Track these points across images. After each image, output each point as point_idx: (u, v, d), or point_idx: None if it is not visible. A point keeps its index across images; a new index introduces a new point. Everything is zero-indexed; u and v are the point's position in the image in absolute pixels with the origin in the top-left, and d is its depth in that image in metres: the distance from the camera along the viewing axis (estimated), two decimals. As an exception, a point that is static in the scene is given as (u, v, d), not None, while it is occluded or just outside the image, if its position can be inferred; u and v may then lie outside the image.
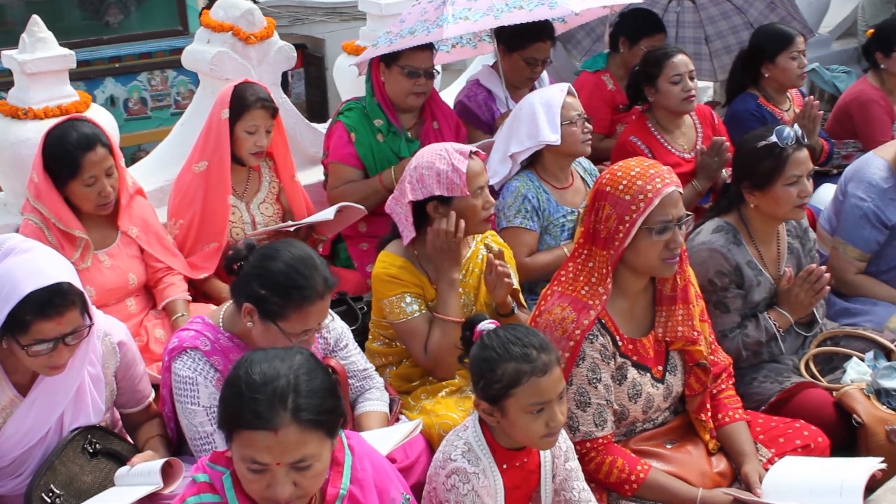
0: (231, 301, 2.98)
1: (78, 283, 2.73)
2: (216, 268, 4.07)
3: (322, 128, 5.14)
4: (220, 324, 2.97)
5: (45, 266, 2.70)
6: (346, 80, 5.42)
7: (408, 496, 2.48)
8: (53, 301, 2.64)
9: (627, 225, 2.81)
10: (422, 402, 3.32)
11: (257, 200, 4.27)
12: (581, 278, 2.93)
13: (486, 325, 2.59)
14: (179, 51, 12.23)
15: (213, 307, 3.57)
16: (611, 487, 2.90)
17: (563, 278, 2.99)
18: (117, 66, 11.06)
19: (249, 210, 4.24)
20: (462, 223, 3.30)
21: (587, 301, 2.88)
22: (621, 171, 2.86)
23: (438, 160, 3.34)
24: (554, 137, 3.86)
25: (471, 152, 3.38)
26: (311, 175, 4.88)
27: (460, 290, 3.40)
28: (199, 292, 4.08)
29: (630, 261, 2.89)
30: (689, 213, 2.94)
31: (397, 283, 3.34)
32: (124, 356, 3.03)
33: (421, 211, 3.36)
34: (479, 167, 3.39)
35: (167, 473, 2.79)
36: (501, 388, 2.46)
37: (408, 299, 3.35)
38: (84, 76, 10.55)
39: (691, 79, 4.41)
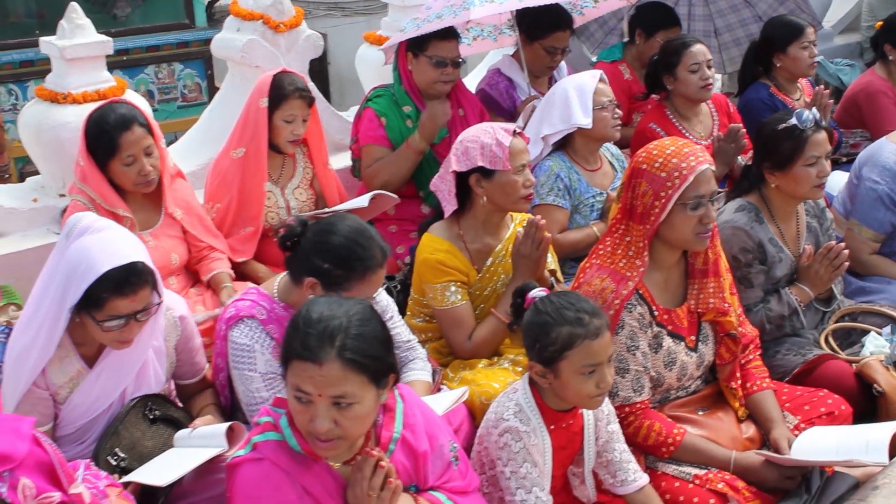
0: (285, 273, 3.12)
1: (150, 262, 2.86)
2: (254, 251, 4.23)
3: (347, 115, 5.28)
4: (275, 294, 3.11)
5: (121, 245, 2.83)
6: (369, 69, 5.57)
7: (455, 444, 2.62)
8: (129, 280, 2.77)
9: (663, 200, 2.96)
10: (460, 373, 3.46)
11: (292, 186, 4.40)
12: (619, 251, 3.08)
13: (538, 292, 2.74)
14: (186, 44, 12.36)
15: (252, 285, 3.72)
16: (648, 450, 3.05)
17: (601, 252, 3.14)
18: (125, 58, 11.13)
19: (284, 195, 4.37)
20: (548, 238, 3.42)
21: (625, 273, 3.03)
22: (657, 150, 3.01)
23: (483, 134, 3.48)
24: (586, 121, 4.02)
25: (515, 130, 3.52)
26: (338, 161, 4.99)
27: (500, 269, 3.53)
28: (238, 273, 4.20)
29: (665, 235, 3.04)
30: (720, 189, 3.10)
31: (443, 272, 3.46)
32: (184, 330, 3.16)
33: (464, 185, 3.49)
34: (522, 145, 3.52)
35: (230, 437, 2.92)
36: (556, 351, 2.61)
37: (452, 289, 3.47)
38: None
39: (709, 67, 4.58)
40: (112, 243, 2.82)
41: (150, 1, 11.74)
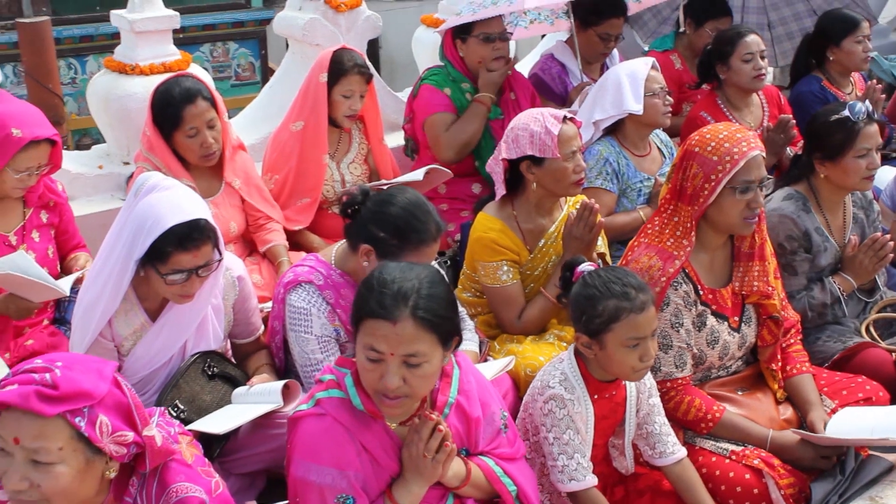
0: (343, 241, 3.24)
1: (212, 221, 3.00)
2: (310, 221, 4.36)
3: (402, 96, 5.40)
4: (332, 261, 3.23)
5: (186, 203, 2.96)
6: (425, 51, 5.69)
7: (505, 413, 2.73)
8: (192, 235, 2.90)
9: (713, 183, 3.03)
10: (507, 346, 3.56)
11: (347, 160, 4.53)
12: (667, 231, 3.16)
13: (586, 266, 2.83)
14: (241, 23, 12.51)
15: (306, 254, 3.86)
16: (687, 425, 3.14)
17: (649, 231, 3.22)
18: (181, 36, 11.37)
19: (339, 169, 4.50)
20: (601, 221, 3.51)
21: (672, 251, 3.12)
22: (710, 134, 3.09)
23: (533, 122, 3.55)
24: (637, 107, 4.10)
25: (565, 117, 3.58)
26: (391, 140, 5.12)
27: (552, 250, 3.63)
28: (292, 242, 4.34)
29: (712, 217, 3.12)
30: (769, 175, 3.17)
31: (496, 251, 3.55)
32: (242, 290, 3.30)
33: (515, 170, 3.59)
34: (572, 132, 3.58)
35: (285, 394, 3.06)
36: (602, 323, 2.71)
37: (504, 268, 3.56)
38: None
39: (762, 58, 4.63)
40: (178, 201, 2.96)
41: (208, -20, 11.95)
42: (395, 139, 5.11)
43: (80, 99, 10.49)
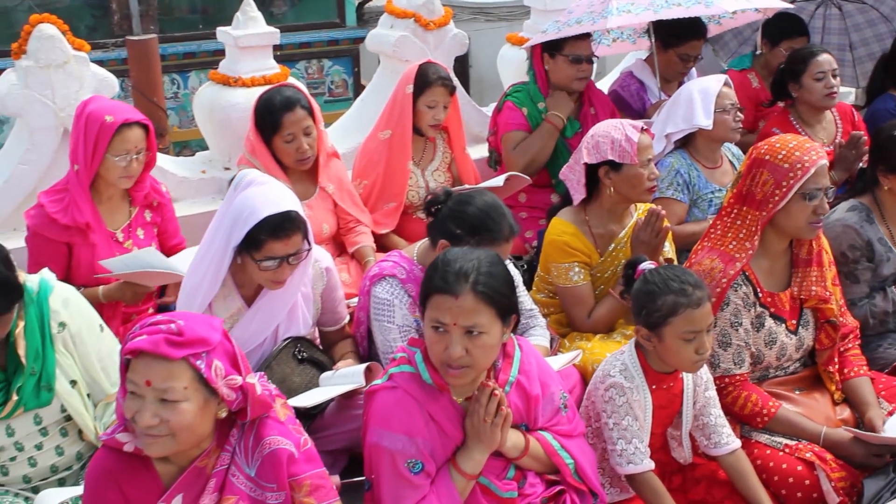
0: (425, 239, 3.51)
1: (303, 214, 3.29)
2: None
3: (486, 110, 5.66)
4: (415, 257, 3.50)
5: (279, 197, 3.26)
6: (509, 68, 5.94)
7: (565, 394, 2.96)
8: (284, 225, 3.19)
9: (784, 189, 3.21)
10: (576, 343, 3.78)
11: (431, 168, 4.81)
12: (729, 234, 3.35)
13: (648, 265, 3.04)
14: (336, 42, 12.93)
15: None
16: (744, 419, 3.31)
17: (712, 235, 3.42)
18: (278, 53, 11.86)
19: (424, 176, 4.78)
20: (667, 227, 3.74)
21: (734, 254, 3.30)
22: (779, 143, 3.28)
23: (614, 130, 3.79)
24: (707, 122, 4.29)
25: (642, 128, 3.81)
26: (475, 152, 5.36)
27: (621, 254, 3.84)
28: (378, 245, 4.62)
29: (779, 222, 3.30)
30: (832, 185, 3.34)
31: (568, 253, 3.77)
32: (329, 280, 3.59)
33: (593, 176, 3.81)
34: (648, 141, 3.81)
35: (367, 376, 3.32)
36: (661, 317, 2.91)
37: (576, 269, 3.78)
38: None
39: (834, 77, 4.76)
40: (272, 194, 3.25)
41: (305, 0, 12.43)
42: (480, 151, 5.36)
43: (182, 112, 11.06)
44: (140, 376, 2.32)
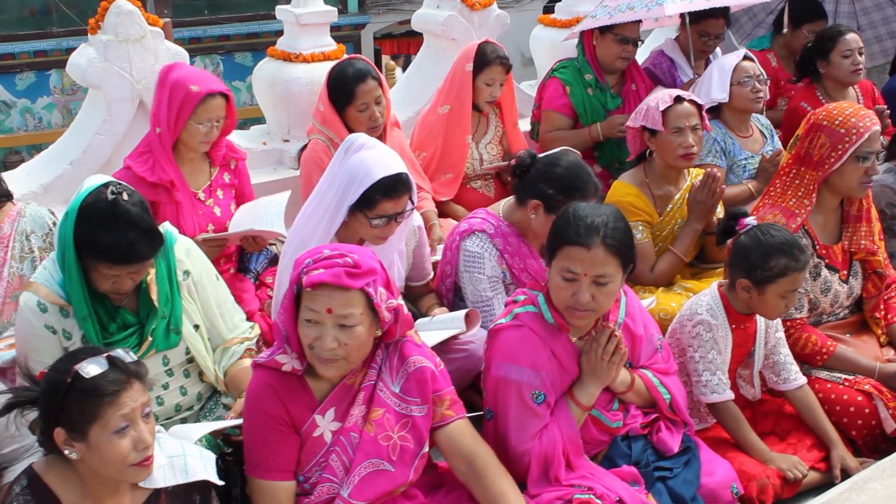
0: (509, 198, 3.81)
1: (411, 175, 3.56)
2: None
3: (525, 87, 5.97)
4: (500, 214, 3.80)
5: (390, 159, 3.52)
6: (542, 48, 6.26)
7: (661, 336, 3.28)
8: (397, 186, 3.45)
9: (840, 152, 3.56)
10: (640, 295, 4.08)
11: (485, 141, 5.10)
12: (789, 192, 3.69)
13: (751, 220, 3.36)
14: (338, 28, 13.17)
15: (452, 221, 4.45)
16: (804, 358, 3.65)
17: (772, 192, 3.76)
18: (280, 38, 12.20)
19: (478, 149, 5.07)
20: (723, 189, 4.07)
21: (794, 210, 3.65)
22: (836, 110, 3.62)
23: (653, 98, 4.15)
24: (722, 96, 4.67)
25: (679, 96, 4.12)
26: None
27: (678, 214, 4.16)
28: (438, 212, 4.90)
29: (833, 182, 3.64)
30: (881, 149, 3.70)
31: (632, 212, 4.06)
32: (421, 237, 3.88)
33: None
34: (682, 111, 4.10)
35: (466, 321, 3.59)
36: (770, 276, 3.24)
37: (640, 227, 4.09)
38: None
39: (860, 54, 5.13)
40: (383, 157, 3.52)
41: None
42: (521, 126, 5.64)
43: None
44: (321, 305, 2.60)
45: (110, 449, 2.34)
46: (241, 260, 4.42)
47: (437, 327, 3.65)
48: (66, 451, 2.37)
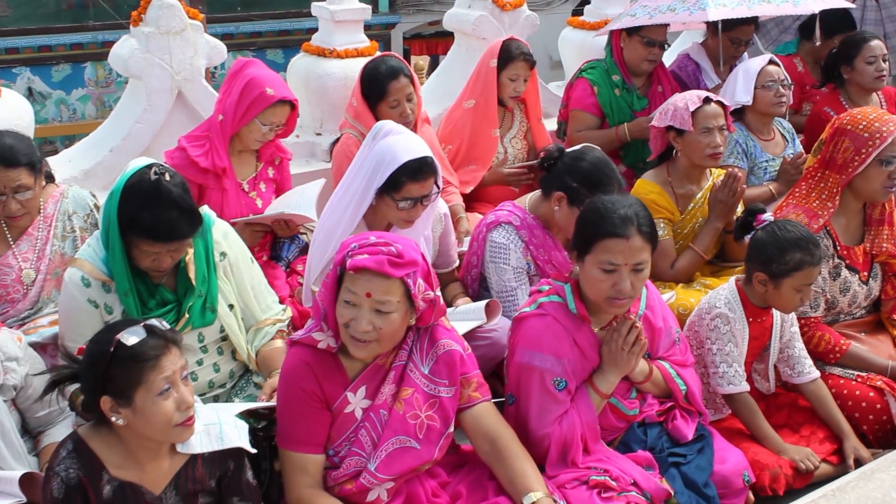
0: (535, 192, 3.92)
1: (436, 160, 3.67)
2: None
3: (553, 87, 6.07)
4: (526, 207, 3.91)
5: (415, 144, 3.62)
6: (571, 49, 6.36)
7: (679, 329, 3.38)
8: (422, 169, 3.55)
9: (863, 156, 3.65)
10: (661, 291, 4.18)
11: (510, 135, 5.21)
12: (813, 194, 3.79)
13: (769, 216, 3.46)
14: (368, 27, 13.33)
15: (478, 215, 4.56)
16: (818, 356, 3.73)
17: (797, 193, 3.86)
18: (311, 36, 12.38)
19: (503, 143, 5.18)
20: (744, 188, 4.15)
21: (817, 211, 3.74)
22: (860, 114, 3.72)
23: (681, 99, 4.24)
24: (746, 98, 4.75)
25: (707, 97, 4.21)
26: (543, 126, 5.78)
27: (699, 213, 4.25)
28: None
29: (856, 185, 3.73)
30: None
31: (655, 210, 4.11)
32: (446, 225, 3.99)
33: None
34: (710, 111, 4.19)
35: (487, 312, 3.67)
36: (786, 270, 3.33)
37: (661, 224, 4.16)
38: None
39: (884, 61, 5.20)
40: (410, 142, 3.61)
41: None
42: (547, 125, 5.75)
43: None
44: (361, 288, 2.71)
45: (155, 410, 2.47)
46: (274, 248, 4.52)
47: (458, 318, 3.74)
48: (114, 418, 2.50)
